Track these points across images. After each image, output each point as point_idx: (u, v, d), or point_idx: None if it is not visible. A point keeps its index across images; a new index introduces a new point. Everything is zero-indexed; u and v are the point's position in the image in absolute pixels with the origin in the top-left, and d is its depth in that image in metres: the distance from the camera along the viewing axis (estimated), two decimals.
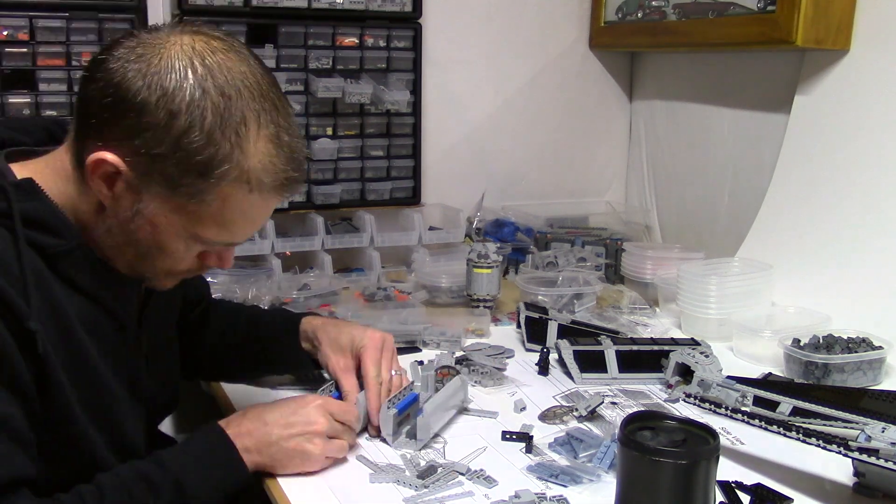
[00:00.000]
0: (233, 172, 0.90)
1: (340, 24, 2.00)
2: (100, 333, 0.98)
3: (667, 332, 1.66)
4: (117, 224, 0.95)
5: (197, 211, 0.92)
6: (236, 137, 0.89)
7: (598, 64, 2.37)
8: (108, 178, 0.91)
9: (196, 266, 1.03)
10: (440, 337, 1.57)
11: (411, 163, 2.15)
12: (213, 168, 0.89)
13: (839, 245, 1.67)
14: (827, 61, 1.73)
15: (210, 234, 0.95)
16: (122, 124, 0.88)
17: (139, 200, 0.92)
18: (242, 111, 0.90)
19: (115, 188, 0.92)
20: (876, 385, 1.41)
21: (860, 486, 1.06)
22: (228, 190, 0.91)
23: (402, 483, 1.06)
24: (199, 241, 0.96)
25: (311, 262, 2.02)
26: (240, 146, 0.90)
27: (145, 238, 0.95)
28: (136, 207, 0.92)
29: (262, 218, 0.99)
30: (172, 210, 0.93)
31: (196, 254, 1.00)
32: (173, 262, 0.99)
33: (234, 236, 0.98)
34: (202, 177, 0.89)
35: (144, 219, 0.93)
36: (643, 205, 2.36)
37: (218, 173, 0.90)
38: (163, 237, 0.95)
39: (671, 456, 0.87)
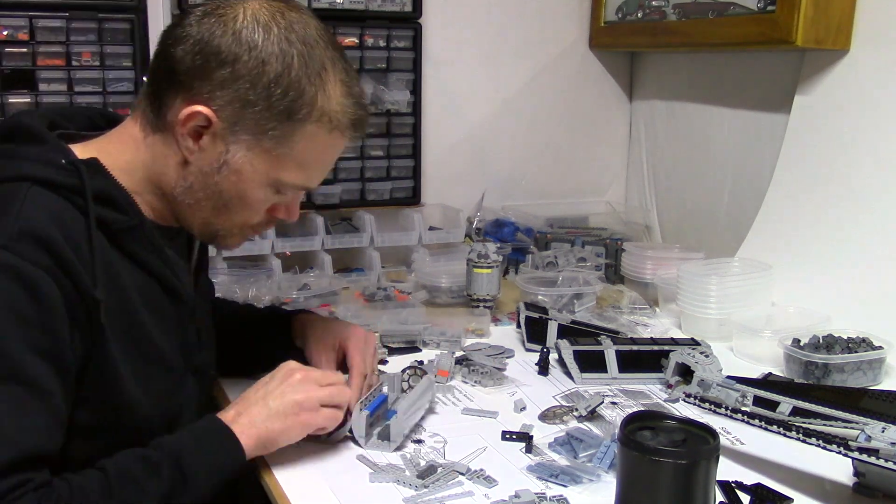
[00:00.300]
0: (316, 113, 1.00)
1: (340, 24, 2.00)
2: (158, 307, 1.04)
3: (667, 332, 1.66)
4: (200, 178, 1.02)
5: (281, 154, 1.01)
6: (319, 81, 0.99)
7: (598, 64, 2.37)
8: (196, 131, 0.99)
9: (266, 220, 1.10)
10: (440, 337, 1.57)
11: (411, 163, 2.15)
12: (300, 110, 0.99)
13: (839, 245, 1.67)
14: (827, 61, 1.73)
15: (291, 177, 1.03)
16: (213, 77, 0.97)
17: (226, 151, 1.00)
18: (321, 58, 1.00)
19: (201, 141, 1.00)
20: (876, 385, 1.41)
21: (860, 486, 1.06)
22: (312, 130, 1.01)
23: (402, 483, 1.06)
24: (279, 186, 1.04)
25: (311, 262, 2.02)
26: (322, 89, 1.00)
27: (228, 189, 1.02)
28: (224, 158, 1.00)
29: (333, 158, 1.09)
30: (258, 156, 1.01)
31: (267, 208, 1.07)
32: (249, 214, 1.06)
33: (310, 179, 1.06)
34: (290, 119, 0.99)
35: (230, 168, 1.01)
36: (643, 205, 2.36)
37: (303, 115, 0.99)
38: (246, 185, 1.02)
39: (671, 456, 0.87)
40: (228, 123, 0.99)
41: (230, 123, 0.99)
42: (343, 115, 1.03)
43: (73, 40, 1.76)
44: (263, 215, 1.09)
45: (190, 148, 1.00)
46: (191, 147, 1.00)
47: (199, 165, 1.01)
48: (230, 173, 1.01)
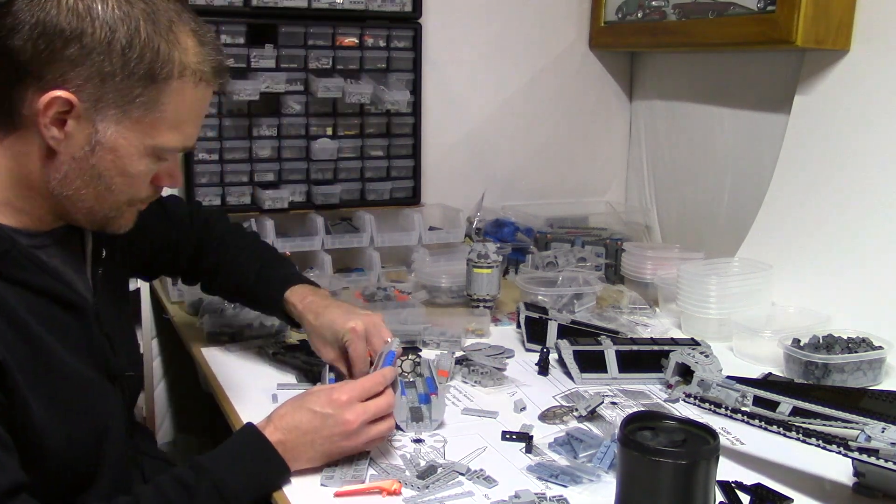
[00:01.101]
0: (178, 69, 0.96)
1: (340, 24, 2.00)
2: (57, 322, 0.99)
3: (667, 332, 1.66)
4: (74, 166, 0.97)
5: (153, 120, 0.97)
6: (171, 35, 0.96)
7: (598, 64, 2.37)
8: (58, 119, 0.94)
9: (151, 192, 1.06)
10: (440, 337, 1.57)
11: (411, 163, 2.15)
12: (161, 70, 0.95)
13: (839, 245, 1.67)
14: (827, 61, 1.73)
15: (168, 140, 0.99)
16: (63, 58, 0.92)
17: (95, 131, 0.95)
18: (167, 13, 0.96)
19: (66, 127, 0.94)
20: (876, 385, 1.41)
21: (860, 486, 1.06)
22: (178, 87, 0.97)
23: (403, 483, 1.06)
24: (158, 152, 1.00)
25: (311, 262, 2.02)
26: (176, 43, 0.96)
27: (107, 168, 0.98)
28: (94, 139, 0.95)
29: (204, 112, 1.05)
30: (129, 128, 0.96)
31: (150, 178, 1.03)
32: (135, 190, 1.02)
33: (187, 137, 1.02)
34: (153, 82, 0.95)
35: (104, 147, 0.96)
36: (643, 205, 2.36)
37: (166, 73, 0.95)
38: (125, 161, 0.98)
39: (671, 456, 0.87)
40: (91, 102, 0.93)
41: (93, 101, 0.93)
42: (204, 65, 0.99)
43: None
44: (149, 187, 1.04)
45: (56, 137, 0.94)
46: (57, 136, 0.94)
47: (70, 153, 0.96)
48: (105, 152, 0.96)
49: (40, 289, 0.98)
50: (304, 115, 2.01)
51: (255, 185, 2.00)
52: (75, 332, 1.02)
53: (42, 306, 0.98)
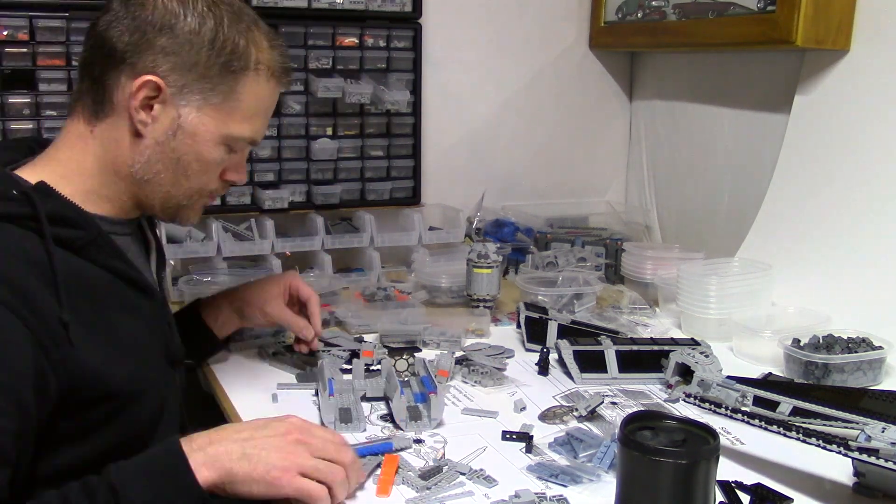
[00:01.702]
0: (253, 64, 1.08)
1: (340, 24, 2.00)
2: (133, 307, 1.07)
3: (667, 332, 1.66)
4: (157, 149, 1.06)
5: (230, 108, 1.07)
6: (249, 34, 1.08)
7: (598, 64, 2.37)
8: (146, 103, 1.03)
9: (219, 186, 1.16)
10: (440, 337, 1.57)
11: (411, 163, 2.15)
12: (240, 62, 1.06)
13: (839, 245, 1.67)
14: (827, 61, 1.73)
15: (240, 130, 1.09)
16: (155, 47, 1.02)
17: (178, 116, 1.05)
18: (248, 15, 1.09)
19: (153, 111, 1.04)
20: (876, 385, 1.41)
21: (860, 486, 1.06)
22: (253, 80, 1.08)
23: (405, 483, 1.06)
24: (230, 142, 1.10)
25: (311, 262, 2.02)
26: (254, 41, 1.08)
27: (186, 152, 1.07)
28: (177, 123, 1.05)
29: (272, 108, 1.16)
30: (208, 114, 1.06)
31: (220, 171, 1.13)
32: (207, 179, 1.12)
33: (256, 131, 1.12)
34: (231, 73, 1.06)
35: (185, 132, 1.06)
36: (643, 205, 2.36)
37: (242, 66, 1.07)
38: (201, 146, 1.07)
39: (671, 456, 0.87)
40: (177, 88, 1.04)
41: (178, 87, 1.04)
42: (275, 63, 1.11)
43: (73, 40, 1.76)
44: (217, 180, 1.14)
45: (143, 120, 1.04)
46: (144, 119, 1.04)
47: (154, 136, 1.05)
48: (185, 136, 1.06)
49: (120, 272, 1.05)
50: (304, 115, 2.01)
51: (255, 185, 2.00)
52: (146, 315, 1.10)
53: (120, 288, 1.05)
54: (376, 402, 1.31)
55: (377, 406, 1.30)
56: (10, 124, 1.75)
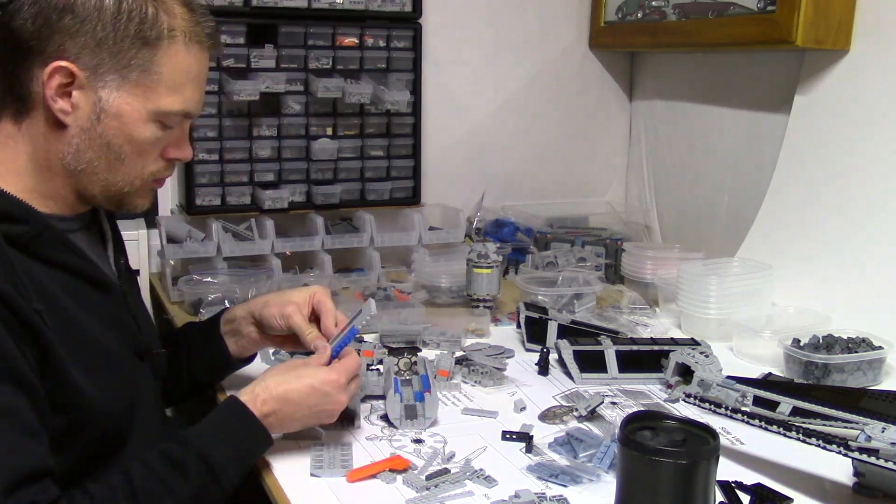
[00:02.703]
0: (167, 32, 1.01)
1: (340, 24, 2.00)
2: (89, 301, 1.03)
3: (667, 332, 1.66)
4: (84, 137, 1.01)
5: (152, 83, 1.01)
6: (157, 1, 1.01)
7: (598, 64, 2.37)
8: (63, 91, 0.98)
9: (162, 166, 1.09)
10: (440, 337, 1.57)
11: (411, 163, 2.15)
12: (151, 33, 1.00)
13: (839, 245, 1.67)
14: (827, 61, 1.73)
15: (169, 104, 1.02)
16: (60, 30, 0.97)
17: (98, 99, 1.00)
18: None
19: (73, 99, 0.99)
20: (876, 385, 1.41)
21: (860, 486, 1.06)
22: (172, 49, 1.01)
23: (406, 483, 1.07)
24: (161, 117, 1.03)
25: (311, 262, 2.02)
26: (164, 7, 1.01)
27: (115, 136, 1.01)
28: (99, 106, 1.00)
29: (203, 76, 1.08)
30: (130, 92, 1.00)
31: (159, 151, 1.07)
32: (144, 161, 1.05)
33: (187, 101, 1.05)
34: (145, 45, 1.00)
35: (108, 114, 1.00)
36: (643, 205, 2.36)
37: (156, 36, 1.00)
38: (130, 127, 1.02)
39: (671, 456, 0.87)
40: (90, 70, 0.98)
41: (92, 69, 0.98)
42: (193, 27, 1.03)
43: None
44: (159, 160, 1.08)
45: (64, 109, 0.99)
46: (64, 108, 0.99)
47: (79, 124, 1.00)
48: (110, 119, 1.01)
49: (72, 268, 1.02)
50: (304, 115, 2.01)
51: (255, 185, 2.00)
52: (106, 310, 1.06)
53: (74, 285, 1.02)
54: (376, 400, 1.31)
55: (377, 406, 1.30)
56: None
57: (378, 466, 1.08)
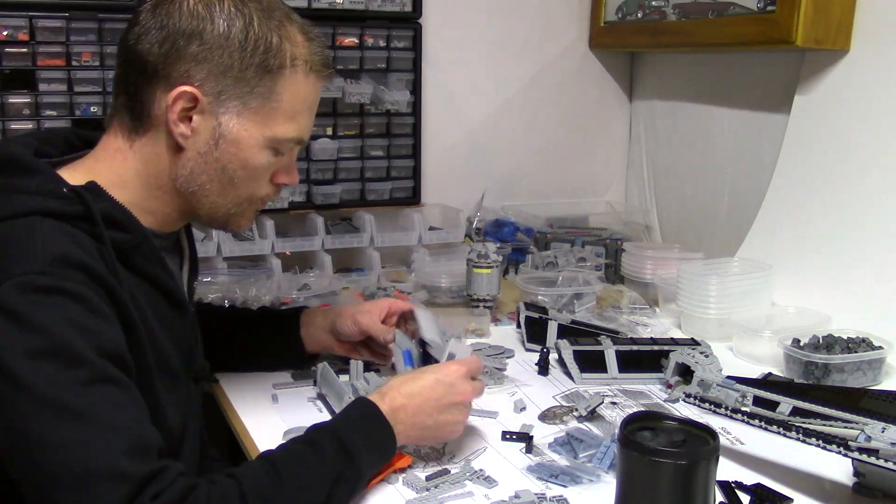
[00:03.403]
0: (289, 60, 1.03)
1: (340, 24, 2.00)
2: (165, 317, 1.05)
3: (667, 332, 1.66)
4: (199, 161, 1.03)
5: (271, 110, 1.03)
6: (282, 30, 1.03)
7: (598, 64, 2.37)
8: (184, 115, 1.00)
9: (271, 191, 1.11)
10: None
11: (411, 163, 2.15)
12: (274, 60, 1.01)
13: (839, 245, 1.67)
14: (827, 61, 1.73)
15: (285, 131, 1.05)
16: (186, 56, 0.99)
17: (218, 124, 1.02)
18: (279, 10, 1.04)
19: (192, 123, 1.01)
20: (876, 385, 1.41)
21: (860, 486, 1.06)
22: (291, 77, 1.03)
23: (406, 484, 1.07)
24: (276, 144, 1.05)
25: (311, 262, 2.02)
26: (287, 37, 1.03)
27: (230, 161, 1.03)
28: (218, 132, 1.02)
29: (316, 103, 1.11)
30: (249, 119, 1.02)
31: (270, 175, 1.09)
32: (256, 186, 1.08)
33: (301, 129, 1.08)
34: (268, 72, 1.01)
35: (227, 140, 1.02)
36: (643, 205, 2.36)
37: (279, 64, 1.02)
38: (246, 153, 1.04)
39: (671, 456, 0.87)
40: (213, 95, 1.00)
41: (215, 95, 1.00)
42: (312, 56, 1.05)
43: (73, 40, 1.76)
44: (268, 185, 1.10)
45: (184, 133, 1.01)
46: (184, 132, 1.01)
47: (196, 148, 1.02)
48: (228, 145, 1.02)
49: (159, 283, 1.04)
50: None
51: None
52: (177, 328, 1.08)
53: (155, 298, 1.04)
54: None
55: None
56: (10, 124, 1.75)
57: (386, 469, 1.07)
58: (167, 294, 1.05)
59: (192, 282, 1.20)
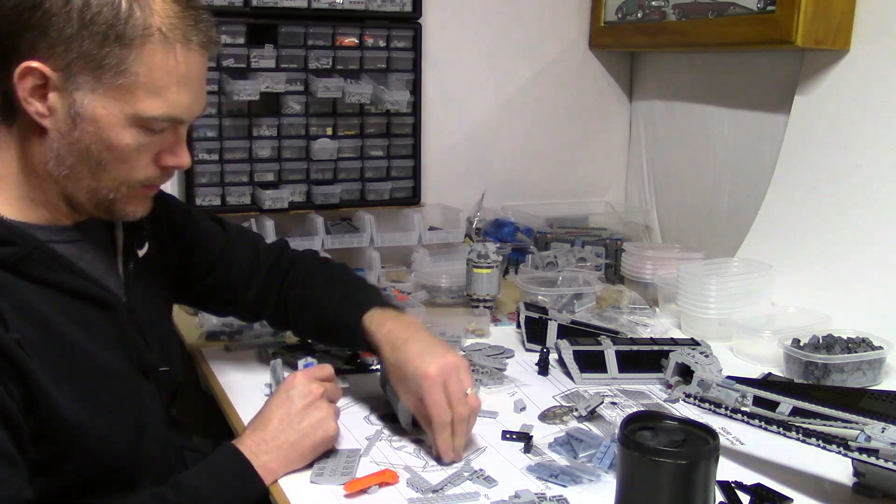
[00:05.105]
0: (142, 30, 0.92)
1: (340, 24, 2.00)
2: (87, 320, 0.99)
3: (667, 332, 1.66)
4: (63, 142, 0.95)
5: (127, 84, 0.93)
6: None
7: (598, 64, 2.37)
8: (38, 93, 0.93)
9: (155, 173, 1.02)
10: (440, 337, 1.56)
11: (411, 163, 2.15)
12: (125, 30, 0.91)
13: (839, 245, 1.67)
14: (827, 61, 1.73)
15: (148, 108, 0.95)
16: (31, 28, 0.91)
17: (73, 102, 0.93)
18: None
19: (48, 102, 0.93)
20: (876, 385, 1.41)
21: (860, 486, 1.06)
22: (149, 49, 0.93)
23: (410, 485, 1.07)
24: (143, 122, 0.96)
25: None
26: (140, 4, 0.92)
27: (93, 141, 0.95)
28: (74, 110, 0.93)
29: (190, 76, 0.98)
30: (105, 95, 0.93)
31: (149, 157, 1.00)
32: (129, 168, 0.99)
33: (172, 105, 0.97)
34: (119, 43, 0.92)
35: (84, 118, 0.94)
36: (643, 205, 2.36)
37: (131, 34, 0.92)
38: (108, 132, 0.95)
39: (671, 456, 0.87)
40: (62, 70, 0.92)
41: (64, 69, 0.92)
42: (173, 24, 0.94)
43: None
44: (150, 167, 1.00)
45: (39, 112, 0.93)
46: (41, 111, 0.93)
47: (57, 128, 0.94)
48: (86, 124, 0.94)
49: (67, 287, 0.98)
50: (304, 115, 2.01)
51: (255, 185, 2.00)
52: (106, 329, 1.02)
53: (70, 304, 0.98)
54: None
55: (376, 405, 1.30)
56: None
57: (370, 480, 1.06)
58: (83, 296, 0.99)
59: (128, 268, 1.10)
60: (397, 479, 1.07)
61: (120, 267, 1.10)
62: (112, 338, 1.03)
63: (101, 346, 1.00)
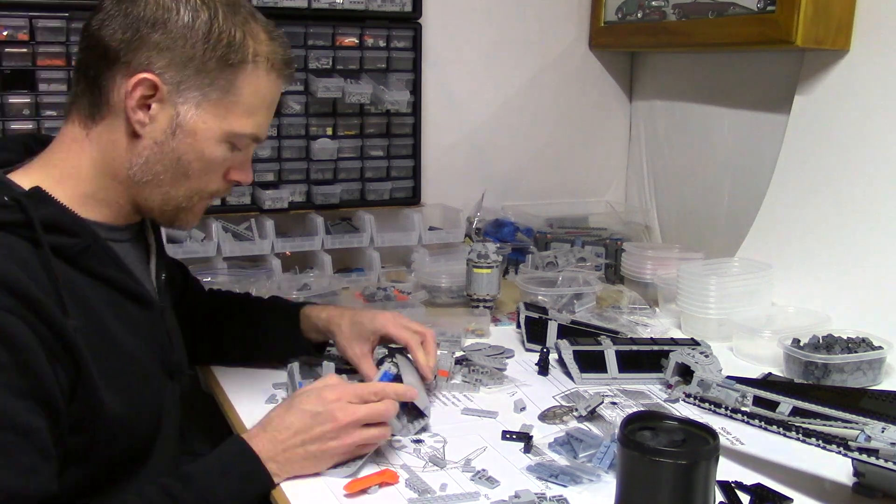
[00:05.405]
0: (251, 56, 1.03)
1: (340, 24, 2.00)
2: (128, 316, 1.04)
3: (667, 332, 1.66)
4: (155, 149, 1.02)
5: (229, 104, 1.03)
6: (246, 26, 1.04)
7: (598, 64, 2.37)
8: (143, 103, 1.00)
9: (223, 187, 1.11)
10: (440, 337, 1.56)
11: (411, 163, 2.15)
12: (236, 55, 1.02)
13: (839, 245, 1.67)
14: (827, 61, 1.73)
15: (242, 126, 1.05)
16: (149, 43, 0.99)
17: (176, 114, 1.01)
18: (244, 7, 1.06)
19: (151, 111, 1.01)
20: (876, 385, 1.41)
21: (860, 486, 1.06)
22: (252, 73, 1.04)
23: (408, 485, 1.06)
24: (232, 139, 1.05)
25: (311, 262, 2.02)
26: (251, 34, 1.04)
27: (186, 152, 1.03)
28: (176, 122, 1.01)
29: (275, 102, 1.11)
30: (208, 111, 1.02)
31: (223, 171, 1.09)
32: (208, 179, 1.07)
33: (258, 126, 1.07)
34: (229, 66, 1.02)
35: (184, 130, 1.02)
36: (643, 205, 2.36)
37: (240, 59, 1.02)
38: (202, 145, 1.03)
39: (671, 456, 0.87)
40: (173, 85, 1.00)
41: (175, 84, 1.00)
42: (275, 55, 1.06)
43: (73, 40, 1.76)
44: (220, 181, 1.09)
45: (141, 120, 1.00)
46: (142, 119, 1.00)
47: (153, 136, 1.01)
48: (185, 135, 1.02)
49: (115, 282, 1.03)
50: (304, 115, 2.01)
51: (255, 185, 2.00)
52: (143, 326, 1.07)
53: (115, 298, 1.03)
54: None
55: None
56: (10, 124, 1.75)
57: (370, 480, 1.06)
58: (127, 293, 1.04)
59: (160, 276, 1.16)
60: (397, 479, 1.07)
61: (153, 270, 1.16)
62: (147, 336, 1.07)
63: (138, 342, 1.05)
